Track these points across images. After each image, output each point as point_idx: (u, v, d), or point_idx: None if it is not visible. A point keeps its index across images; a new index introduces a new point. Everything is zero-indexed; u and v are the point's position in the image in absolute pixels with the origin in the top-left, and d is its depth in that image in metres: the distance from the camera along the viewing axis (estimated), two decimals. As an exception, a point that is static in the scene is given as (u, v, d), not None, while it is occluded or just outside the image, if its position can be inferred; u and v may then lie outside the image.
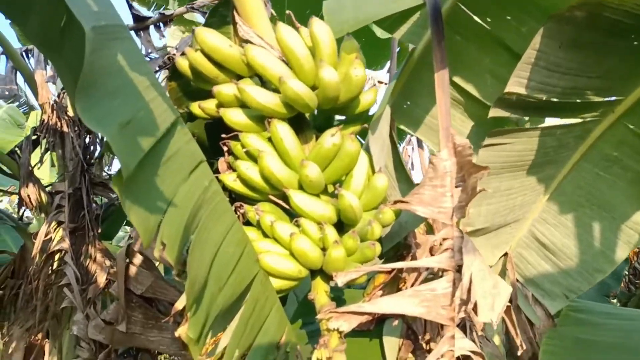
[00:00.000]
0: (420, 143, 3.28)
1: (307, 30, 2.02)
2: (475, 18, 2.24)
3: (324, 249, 1.95)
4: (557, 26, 1.91)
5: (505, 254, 2.92)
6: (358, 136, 2.29)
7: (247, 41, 2.08)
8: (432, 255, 2.11)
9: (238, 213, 2.11)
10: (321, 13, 2.42)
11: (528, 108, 2.22)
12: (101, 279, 3.14)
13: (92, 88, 1.27)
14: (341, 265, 1.89)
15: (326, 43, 1.95)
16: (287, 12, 2.25)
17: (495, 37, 2.30)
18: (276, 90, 1.97)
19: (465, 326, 2.13)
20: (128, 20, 3.69)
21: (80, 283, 3.27)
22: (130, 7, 3.47)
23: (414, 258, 2.56)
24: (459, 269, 1.87)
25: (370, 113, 2.33)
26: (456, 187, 1.97)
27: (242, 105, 1.99)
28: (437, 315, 1.82)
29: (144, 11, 3.75)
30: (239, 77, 2.05)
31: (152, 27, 3.59)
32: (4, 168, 3.70)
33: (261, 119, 1.99)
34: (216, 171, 2.21)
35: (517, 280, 2.93)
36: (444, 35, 2.08)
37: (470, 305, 1.75)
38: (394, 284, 2.51)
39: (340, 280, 1.79)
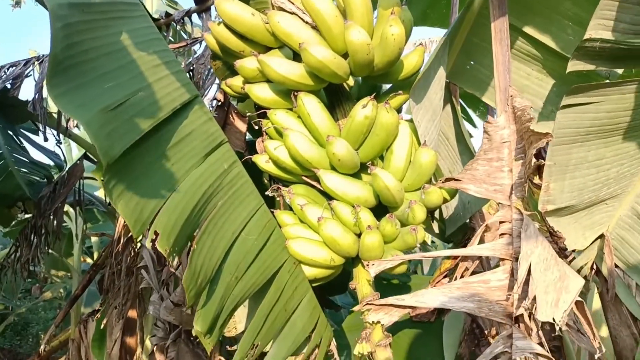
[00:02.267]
0: (490, 110, 2.88)
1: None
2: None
3: (361, 235, 1.74)
4: (650, -54, 1.47)
5: (602, 236, 2.46)
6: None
7: (280, 8, 1.90)
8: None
9: (277, 196, 1.98)
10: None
11: (619, 58, 1.77)
12: (172, 260, 3.21)
13: (69, 73, 1.19)
14: (377, 253, 1.68)
15: (357, 0, 1.70)
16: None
17: (574, -28, 1.87)
18: (306, 61, 1.77)
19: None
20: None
21: (156, 265, 3.41)
22: (189, -11, 3.45)
23: (481, 240, 2.25)
24: (518, 258, 1.56)
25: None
26: (516, 159, 1.64)
27: (269, 79, 1.82)
28: (490, 311, 1.54)
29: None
30: (268, 49, 1.89)
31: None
32: (92, 157, 3.97)
33: (289, 93, 1.81)
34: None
35: (617, 267, 2.47)
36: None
37: (529, 301, 1.45)
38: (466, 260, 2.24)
39: (373, 270, 1.58)
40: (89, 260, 8.79)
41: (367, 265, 1.60)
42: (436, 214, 2.50)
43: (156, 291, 3.31)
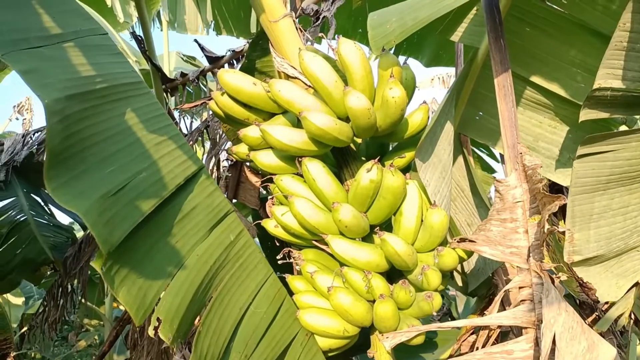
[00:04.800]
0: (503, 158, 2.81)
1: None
2: (547, 3, 1.80)
3: (375, 301, 1.68)
4: (653, -5, 1.43)
5: (637, 284, 2.32)
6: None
7: (284, 73, 1.92)
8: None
9: (291, 260, 1.93)
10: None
11: (633, 105, 1.70)
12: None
13: (67, 164, 1.20)
14: (391, 323, 1.60)
15: (356, 65, 1.70)
16: (320, 34, 2.05)
17: (577, 21, 1.82)
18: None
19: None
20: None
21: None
22: (202, 49, 3.55)
23: (504, 300, 2.14)
24: (541, 326, 1.46)
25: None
26: (532, 220, 1.56)
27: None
28: (515, 386, 1.44)
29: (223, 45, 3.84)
30: (272, 115, 1.90)
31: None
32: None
33: (294, 158, 1.80)
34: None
35: (657, 318, 2.31)
36: (503, 31, 1.70)
37: (557, 376, 1.35)
38: (486, 329, 2.13)
39: (387, 343, 1.51)
40: (122, 307, 8.86)
41: (380, 338, 1.53)
42: (458, 267, 2.41)
43: (178, 350, 3.26)
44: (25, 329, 7.34)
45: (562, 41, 1.88)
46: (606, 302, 2.27)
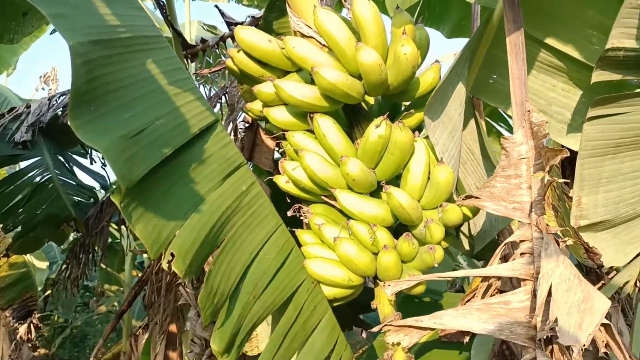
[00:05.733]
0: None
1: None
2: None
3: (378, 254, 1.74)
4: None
5: (644, 252, 2.33)
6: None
7: (300, 32, 1.96)
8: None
9: (300, 215, 2.00)
10: None
11: (646, 66, 1.70)
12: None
13: (91, 105, 1.28)
14: (394, 273, 1.67)
15: (369, 22, 1.73)
16: (337, -5, 2.07)
17: (595, -20, 1.81)
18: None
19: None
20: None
21: (194, 282, 3.51)
22: (222, 14, 3.59)
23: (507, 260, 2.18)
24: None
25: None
26: (535, 176, 1.59)
27: (286, 103, 1.87)
28: (511, 334, 1.49)
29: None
30: (287, 73, 1.94)
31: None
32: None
33: (307, 115, 1.85)
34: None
35: (664, 286, 2.33)
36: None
37: (550, 323, 1.40)
38: (489, 290, 2.18)
39: (389, 290, 1.57)
40: (140, 274, 9.12)
41: (384, 285, 1.60)
42: (465, 230, 2.45)
43: (193, 307, 3.41)
44: (49, 292, 7.63)
45: (579, 1, 1.87)
46: (611, 268, 2.30)
